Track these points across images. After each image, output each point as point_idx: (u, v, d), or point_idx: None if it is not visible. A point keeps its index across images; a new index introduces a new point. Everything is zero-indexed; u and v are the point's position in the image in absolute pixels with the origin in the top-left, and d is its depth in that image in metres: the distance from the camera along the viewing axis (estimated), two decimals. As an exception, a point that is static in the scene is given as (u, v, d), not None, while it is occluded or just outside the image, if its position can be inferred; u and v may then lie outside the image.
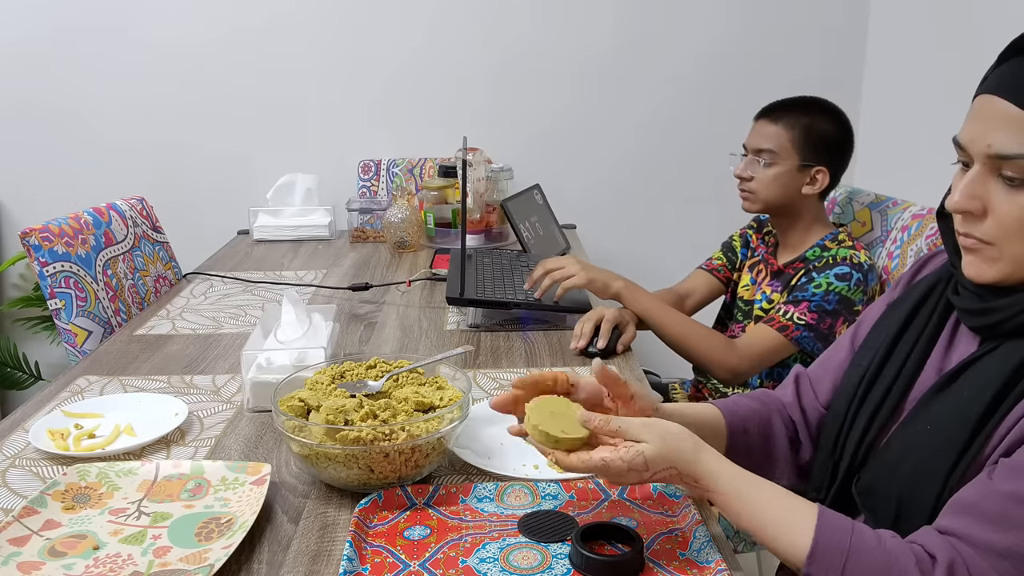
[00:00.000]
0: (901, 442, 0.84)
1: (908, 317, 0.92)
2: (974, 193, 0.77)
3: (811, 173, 1.58)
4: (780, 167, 1.58)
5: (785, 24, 2.64)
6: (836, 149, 1.60)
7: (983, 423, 0.76)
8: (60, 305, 1.64)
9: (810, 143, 1.57)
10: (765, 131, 1.60)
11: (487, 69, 2.67)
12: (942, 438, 0.79)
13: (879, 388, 0.90)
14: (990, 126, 0.75)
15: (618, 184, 2.77)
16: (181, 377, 1.35)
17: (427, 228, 2.27)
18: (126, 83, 2.63)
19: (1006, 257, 0.76)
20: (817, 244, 1.59)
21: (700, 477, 0.80)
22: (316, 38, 2.63)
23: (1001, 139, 0.74)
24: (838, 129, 1.59)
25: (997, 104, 0.75)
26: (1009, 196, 0.75)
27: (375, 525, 0.89)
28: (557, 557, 0.83)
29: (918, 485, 0.80)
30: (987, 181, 0.76)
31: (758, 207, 1.63)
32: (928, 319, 0.90)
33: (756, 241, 1.78)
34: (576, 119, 2.72)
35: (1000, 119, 0.74)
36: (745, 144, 1.64)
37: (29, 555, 0.84)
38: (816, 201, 1.62)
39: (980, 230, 0.78)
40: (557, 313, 1.60)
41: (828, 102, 1.62)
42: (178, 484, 0.97)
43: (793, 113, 1.58)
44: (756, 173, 1.60)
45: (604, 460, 0.79)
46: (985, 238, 0.77)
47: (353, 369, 1.08)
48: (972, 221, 0.78)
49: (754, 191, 1.61)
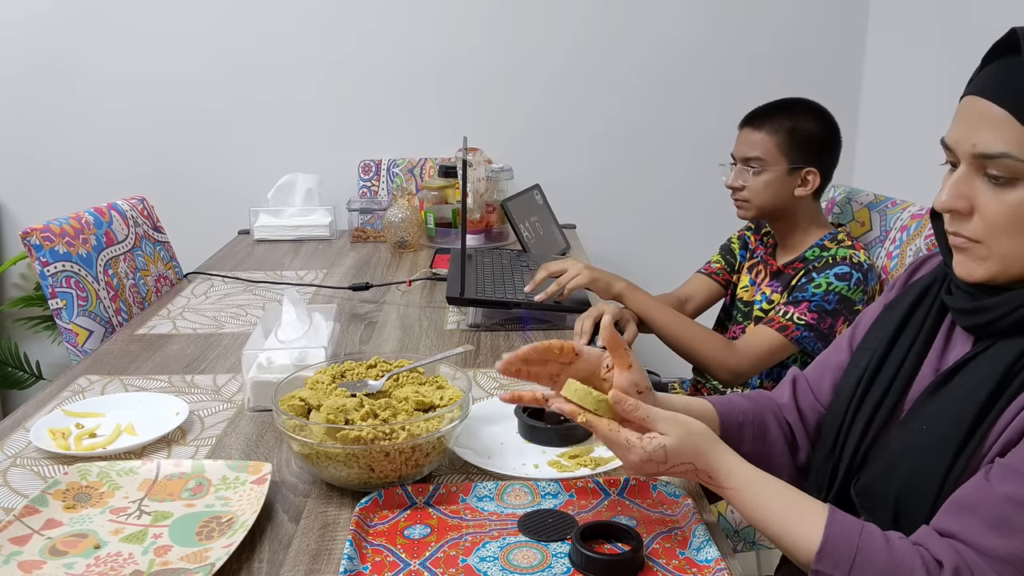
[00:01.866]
0: (898, 442, 0.85)
1: (904, 318, 0.92)
2: (961, 192, 0.78)
3: (802, 175, 1.58)
4: (770, 173, 1.58)
5: (785, 25, 2.64)
6: (823, 147, 1.59)
7: (978, 422, 0.77)
8: (61, 305, 1.64)
9: (796, 145, 1.57)
10: (750, 139, 1.60)
11: (487, 69, 2.67)
12: (938, 437, 0.79)
13: (877, 389, 0.91)
14: (974, 126, 0.77)
15: (618, 184, 2.78)
16: (182, 376, 1.35)
17: (427, 228, 2.27)
18: (126, 83, 2.64)
19: (995, 255, 0.78)
20: (816, 244, 1.59)
21: (715, 473, 0.82)
22: (317, 38, 2.63)
23: (985, 139, 0.75)
24: (823, 127, 1.59)
25: (981, 105, 0.76)
26: (995, 195, 0.76)
27: (375, 524, 0.89)
28: (557, 556, 0.83)
29: (915, 485, 0.80)
30: (973, 180, 0.78)
31: (753, 214, 1.63)
32: (924, 319, 0.90)
33: (755, 242, 1.78)
34: (576, 119, 2.72)
35: (984, 119, 0.76)
36: (733, 154, 1.65)
37: (30, 554, 0.84)
38: (811, 201, 1.62)
39: (968, 229, 0.79)
40: (557, 313, 1.61)
41: (809, 101, 1.62)
42: (179, 483, 0.97)
43: (776, 117, 1.58)
44: (747, 182, 1.60)
45: (629, 440, 0.82)
46: (973, 237, 0.78)
47: (353, 368, 1.08)
48: (960, 220, 0.79)
49: (747, 200, 1.61)
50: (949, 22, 2.23)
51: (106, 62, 2.62)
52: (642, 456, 0.81)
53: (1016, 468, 0.71)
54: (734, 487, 0.82)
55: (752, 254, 1.77)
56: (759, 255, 1.74)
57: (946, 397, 0.81)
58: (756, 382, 1.67)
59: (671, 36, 2.66)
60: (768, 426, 1.03)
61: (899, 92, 2.50)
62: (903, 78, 2.48)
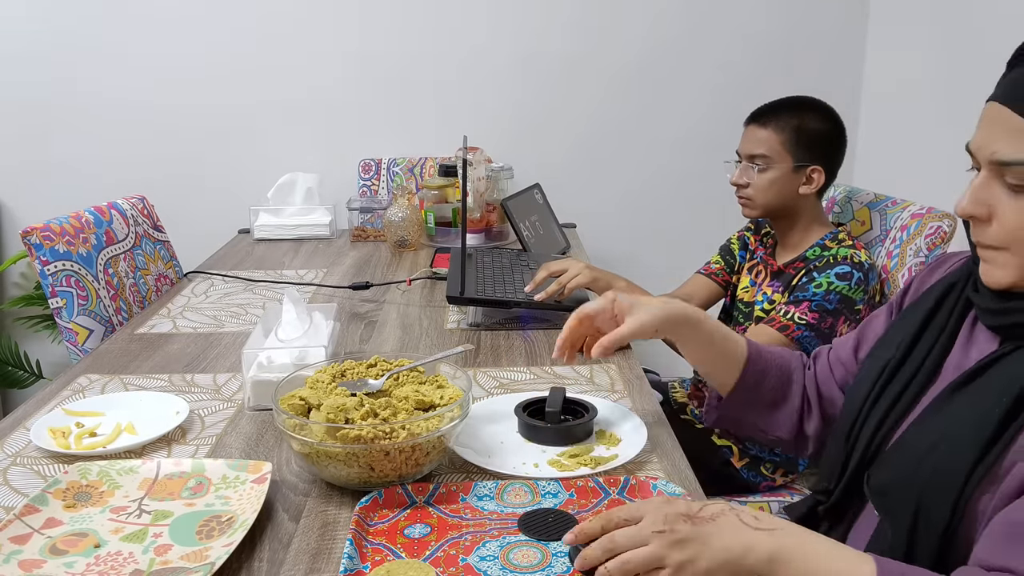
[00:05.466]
0: (916, 438, 0.84)
1: (929, 315, 0.92)
2: (980, 199, 0.78)
3: (806, 173, 1.58)
4: (775, 171, 1.58)
5: (785, 25, 2.64)
6: (829, 146, 1.59)
7: (1003, 427, 0.75)
8: (61, 304, 1.64)
9: (802, 143, 1.57)
10: (756, 136, 1.60)
11: (487, 68, 2.67)
12: (961, 438, 0.78)
13: (897, 383, 0.91)
14: (994, 134, 0.77)
15: (618, 184, 2.78)
16: (182, 376, 1.35)
17: (427, 227, 2.27)
18: (127, 82, 2.64)
19: (1016, 261, 0.78)
20: (817, 244, 1.59)
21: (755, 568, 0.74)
22: (317, 37, 2.63)
23: (1003, 146, 0.75)
24: (828, 126, 1.59)
25: (1001, 112, 0.76)
26: (1013, 202, 0.76)
27: (375, 523, 0.89)
28: (557, 555, 0.83)
29: (935, 486, 0.78)
30: (992, 187, 0.78)
31: (758, 212, 1.63)
32: (948, 318, 0.90)
33: (754, 243, 1.78)
34: (576, 118, 2.72)
35: (1003, 127, 0.76)
36: (738, 151, 1.65)
37: (30, 553, 0.84)
38: (814, 200, 1.62)
39: (988, 235, 0.79)
40: (557, 312, 1.61)
41: (816, 99, 1.62)
42: (179, 482, 0.97)
43: (782, 115, 1.58)
44: (752, 179, 1.60)
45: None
46: (994, 243, 0.79)
47: (353, 368, 1.08)
48: (980, 226, 0.80)
49: (751, 197, 1.61)
50: (949, 22, 2.23)
51: (106, 62, 2.62)
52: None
53: None
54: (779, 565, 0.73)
55: (752, 255, 1.77)
56: (759, 256, 1.74)
57: (969, 396, 0.81)
58: None
59: (671, 36, 2.66)
60: (793, 378, 1.09)
61: (899, 92, 2.50)
62: (904, 78, 2.48)
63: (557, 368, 1.35)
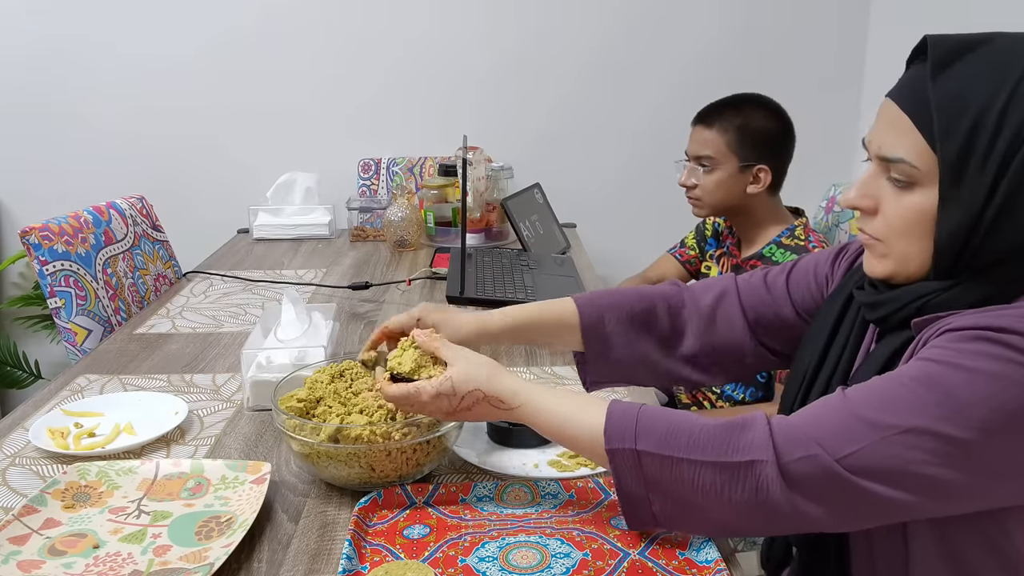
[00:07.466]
0: None
1: (834, 327, 0.92)
2: (866, 191, 0.81)
3: (753, 172, 1.58)
4: (721, 172, 1.58)
5: (785, 24, 2.64)
6: (774, 144, 1.59)
7: None
8: (60, 304, 1.64)
9: (747, 143, 1.56)
10: (702, 137, 1.60)
11: (487, 68, 2.67)
12: None
13: (818, 389, 0.91)
14: (883, 129, 0.79)
15: (618, 183, 2.77)
16: (181, 376, 1.35)
17: (427, 227, 2.27)
18: (126, 82, 2.63)
19: (893, 254, 0.80)
20: (773, 241, 1.59)
21: (502, 395, 0.86)
22: (317, 37, 2.63)
23: (888, 142, 0.77)
24: (774, 124, 1.59)
25: (891, 108, 0.78)
26: (896, 197, 0.78)
27: (375, 524, 0.89)
28: (557, 556, 0.83)
29: None
30: (880, 181, 0.80)
31: (706, 212, 1.64)
32: (850, 331, 0.91)
33: (726, 231, 1.78)
34: (576, 118, 2.72)
35: (890, 123, 0.78)
36: (686, 151, 1.65)
37: (29, 554, 0.84)
38: (767, 198, 1.61)
39: (872, 227, 0.81)
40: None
41: (761, 97, 1.61)
42: (178, 483, 0.97)
43: (726, 115, 1.58)
44: (699, 180, 1.61)
45: (417, 387, 0.87)
46: (876, 235, 0.81)
47: (353, 368, 1.08)
48: (866, 218, 0.82)
49: (699, 198, 1.62)
50: (949, 22, 2.23)
51: (106, 62, 2.61)
52: (431, 392, 0.85)
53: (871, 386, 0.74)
54: (522, 403, 0.85)
55: (721, 243, 1.78)
56: (727, 244, 1.75)
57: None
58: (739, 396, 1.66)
59: (672, 35, 2.65)
60: (657, 313, 1.03)
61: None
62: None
63: (557, 368, 1.34)
